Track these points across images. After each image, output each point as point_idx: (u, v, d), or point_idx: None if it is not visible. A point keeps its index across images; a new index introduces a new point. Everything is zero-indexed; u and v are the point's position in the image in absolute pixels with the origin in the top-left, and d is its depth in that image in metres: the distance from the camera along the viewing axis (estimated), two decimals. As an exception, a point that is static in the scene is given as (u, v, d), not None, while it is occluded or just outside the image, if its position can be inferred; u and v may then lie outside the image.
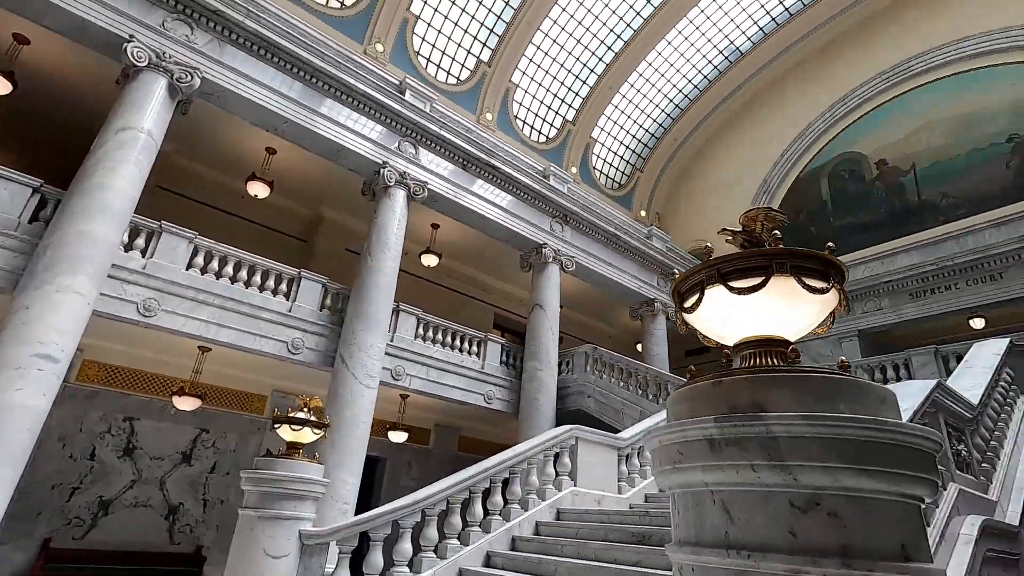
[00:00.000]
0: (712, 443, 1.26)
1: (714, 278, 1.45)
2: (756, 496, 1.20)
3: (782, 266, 1.39)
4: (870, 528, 1.11)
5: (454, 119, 11.76)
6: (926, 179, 14.83)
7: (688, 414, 1.40)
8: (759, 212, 1.60)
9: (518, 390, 11.20)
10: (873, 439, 1.14)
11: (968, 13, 15.03)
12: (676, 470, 1.36)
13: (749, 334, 1.50)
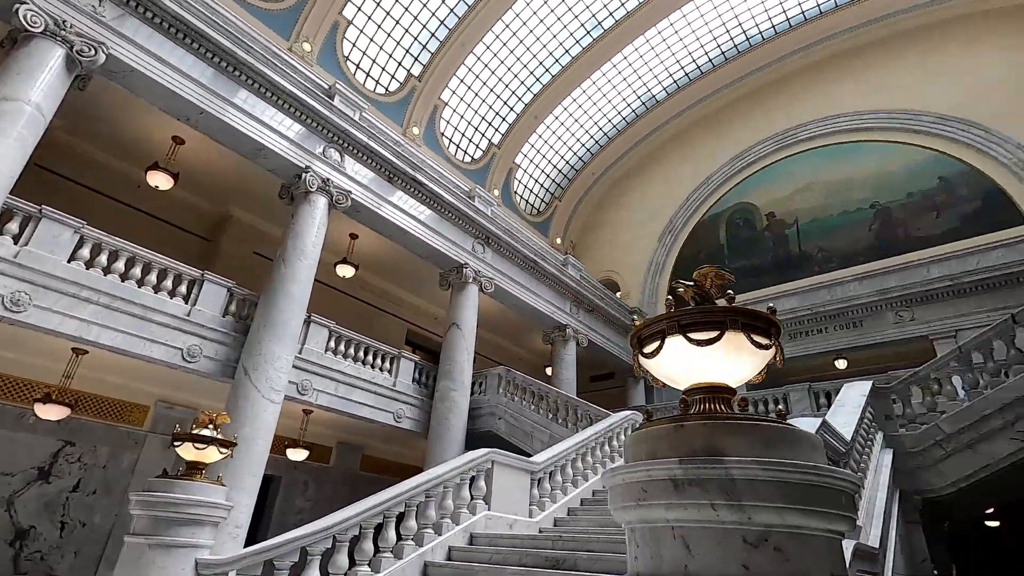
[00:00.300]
0: (676, 483, 1.39)
1: (675, 328, 1.61)
2: (714, 532, 1.34)
3: (735, 323, 1.57)
4: (807, 561, 1.28)
5: (382, 130, 11.58)
6: (806, 233, 16.71)
7: (649, 455, 1.52)
8: (710, 270, 1.79)
9: (429, 409, 11.06)
10: (813, 483, 1.33)
11: (843, 92, 17.32)
12: (639, 506, 1.48)
13: (700, 381, 1.67)
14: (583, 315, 15.54)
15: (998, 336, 6.53)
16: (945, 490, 6.06)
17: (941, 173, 14.76)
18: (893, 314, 13.79)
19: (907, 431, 6.60)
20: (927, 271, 13.66)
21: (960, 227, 13.94)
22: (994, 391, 6.14)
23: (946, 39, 15.77)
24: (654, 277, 19.78)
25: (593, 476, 7.38)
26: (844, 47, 17.71)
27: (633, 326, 1.82)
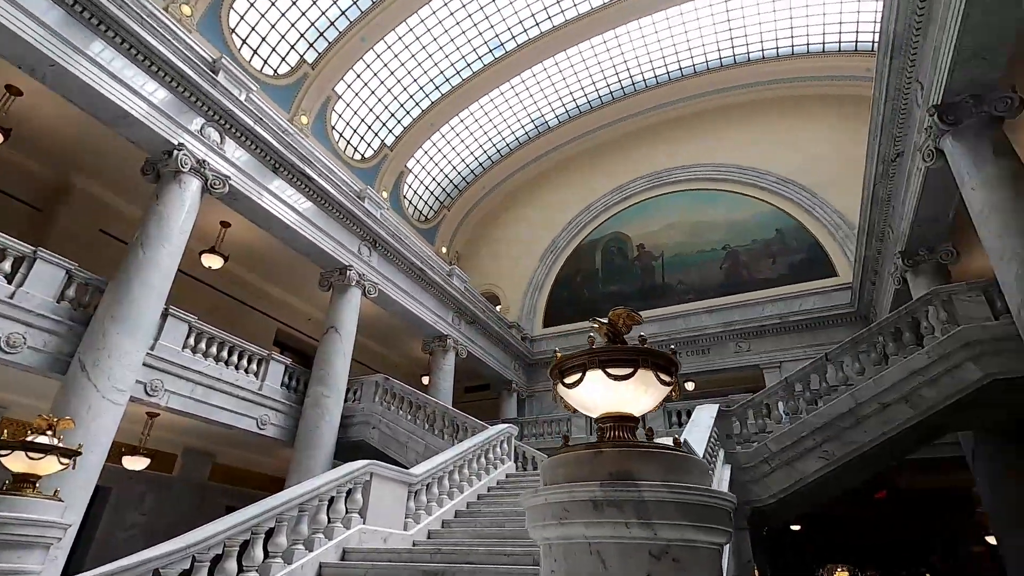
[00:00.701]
0: (596, 504, 1.56)
1: (595, 364, 1.80)
2: (625, 547, 1.52)
3: (646, 361, 1.80)
4: (696, 569, 1.51)
5: (270, 115, 10.88)
6: (669, 266, 18.50)
7: (568, 478, 1.68)
8: (623, 312, 2.02)
9: (298, 416, 10.45)
10: (705, 503, 1.57)
11: (708, 145, 19.55)
12: (561, 524, 1.62)
13: (611, 410, 1.88)
14: (464, 326, 15.71)
15: (815, 371, 7.82)
16: (768, 501, 7.10)
17: (778, 226, 17.23)
18: (734, 344, 15.75)
19: (742, 449, 7.62)
20: (763, 309, 15.82)
21: (789, 274, 16.37)
22: (809, 416, 7.34)
23: (789, 113, 18.52)
24: (533, 294, 20.58)
25: (469, 488, 7.50)
26: (712, 105, 20.01)
27: (555, 357, 1.99)
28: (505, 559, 4.60)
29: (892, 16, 7.29)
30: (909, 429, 7.13)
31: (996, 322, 6.70)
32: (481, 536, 5.93)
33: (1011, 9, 5.93)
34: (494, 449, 8.56)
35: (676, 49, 18.99)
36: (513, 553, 4.68)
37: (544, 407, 17.93)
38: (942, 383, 6.82)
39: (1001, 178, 6.45)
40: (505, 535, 5.88)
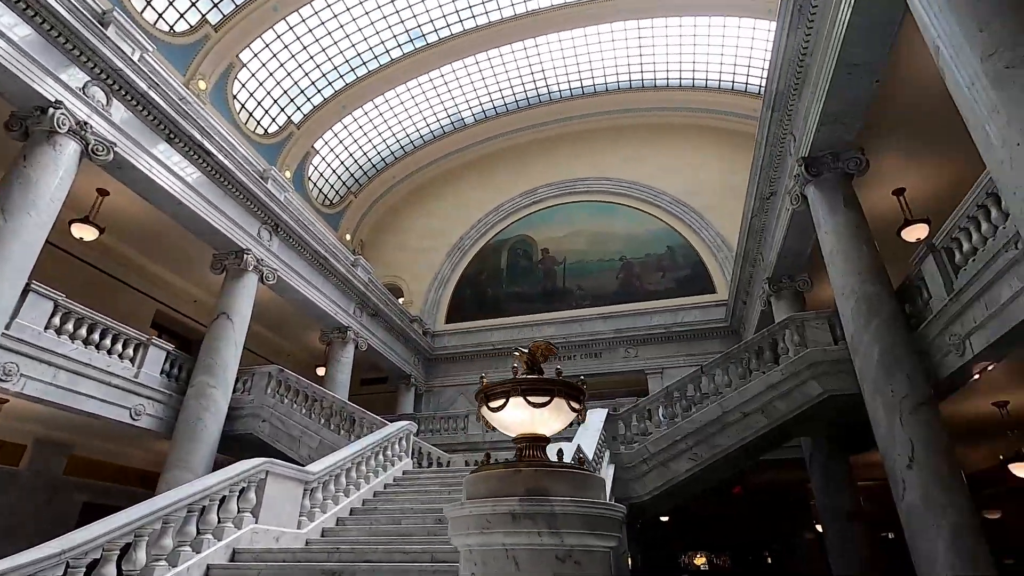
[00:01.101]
0: (514, 516, 1.81)
1: (517, 391, 2.05)
2: (536, 552, 1.79)
3: (561, 391, 2.08)
4: (592, 568, 1.82)
5: (167, 80, 10.04)
6: (570, 272, 19.40)
7: (490, 493, 1.92)
8: (541, 344, 2.30)
9: (178, 407, 9.76)
10: (602, 514, 1.88)
11: (615, 160, 20.67)
12: (483, 533, 1.86)
13: (527, 431, 2.14)
14: (366, 318, 15.43)
15: (691, 381, 8.75)
16: (645, 497, 7.87)
17: (669, 242, 18.72)
18: (624, 350, 16.92)
19: (626, 450, 8.35)
20: (651, 319, 17.14)
21: (676, 287, 17.86)
22: (683, 422, 8.21)
23: (686, 139, 20.14)
24: (438, 289, 20.62)
25: (366, 485, 7.51)
26: (620, 123, 21.19)
27: (481, 382, 2.22)
28: (403, 556, 4.76)
29: (776, 75, 8.32)
30: (764, 435, 8.23)
31: (835, 347, 7.93)
32: (378, 534, 6.02)
33: (866, 83, 7.05)
34: (392, 446, 8.62)
35: (591, 65, 19.90)
36: (411, 551, 4.85)
37: (442, 402, 18.09)
38: (791, 397, 7.95)
39: (847, 226, 7.65)
40: (402, 532, 6.03)
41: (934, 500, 5.90)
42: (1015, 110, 3.85)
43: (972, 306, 5.87)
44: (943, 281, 6.37)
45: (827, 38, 6.95)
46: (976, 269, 5.65)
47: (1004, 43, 4.02)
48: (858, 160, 7.97)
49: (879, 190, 9.34)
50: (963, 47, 4.30)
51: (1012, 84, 3.88)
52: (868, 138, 8.14)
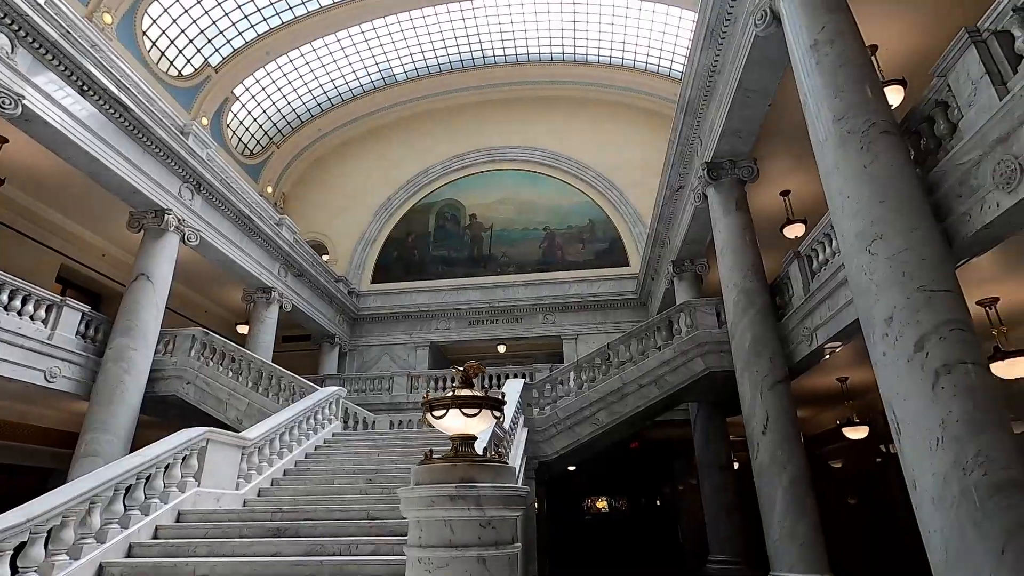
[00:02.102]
0: (452, 498, 2.54)
1: (455, 404, 2.75)
2: (467, 522, 2.53)
3: (487, 404, 2.81)
4: (504, 531, 2.60)
5: (73, 20, 9.38)
6: (496, 239, 20.09)
7: (432, 480, 2.66)
8: (473, 364, 3.01)
9: (96, 368, 9.65)
10: (515, 494, 2.66)
11: (545, 130, 21.20)
12: (429, 509, 2.59)
13: (461, 433, 2.86)
14: (291, 279, 15.40)
15: (598, 355, 9.89)
16: (553, 456, 9.00)
17: (591, 216, 19.82)
18: (543, 316, 18.06)
19: (539, 414, 9.41)
20: (569, 288, 18.32)
21: (594, 259, 19.09)
22: (588, 392, 9.36)
23: (612, 116, 21.00)
24: (364, 248, 20.64)
25: (298, 447, 8.05)
26: (551, 93, 21.65)
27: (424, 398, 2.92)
28: (341, 514, 5.45)
29: (689, 85, 9.22)
30: (657, 402, 9.56)
31: (719, 330, 9.28)
32: (313, 494, 6.64)
33: (761, 105, 8.09)
34: (323, 410, 9.14)
35: (526, 34, 20.05)
36: (348, 509, 5.55)
37: (366, 361, 18.53)
38: (680, 371, 9.28)
39: (736, 227, 8.85)
40: (335, 491, 6.69)
41: (777, 459, 7.35)
42: (848, 169, 4.91)
43: (820, 306, 7.22)
44: (803, 283, 7.71)
45: (732, 63, 7.87)
46: (824, 278, 6.96)
47: (850, 111, 5.05)
48: (751, 169, 9.14)
49: (770, 190, 10.66)
50: (823, 107, 5.31)
51: (850, 147, 4.93)
52: (762, 145, 9.28)
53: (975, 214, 4.52)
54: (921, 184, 4.88)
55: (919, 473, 4.09)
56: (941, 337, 4.14)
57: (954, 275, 4.45)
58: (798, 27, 5.68)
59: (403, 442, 8.89)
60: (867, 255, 4.64)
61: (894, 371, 4.35)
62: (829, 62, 5.31)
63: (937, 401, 4.01)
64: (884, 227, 4.55)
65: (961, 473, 3.83)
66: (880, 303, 4.49)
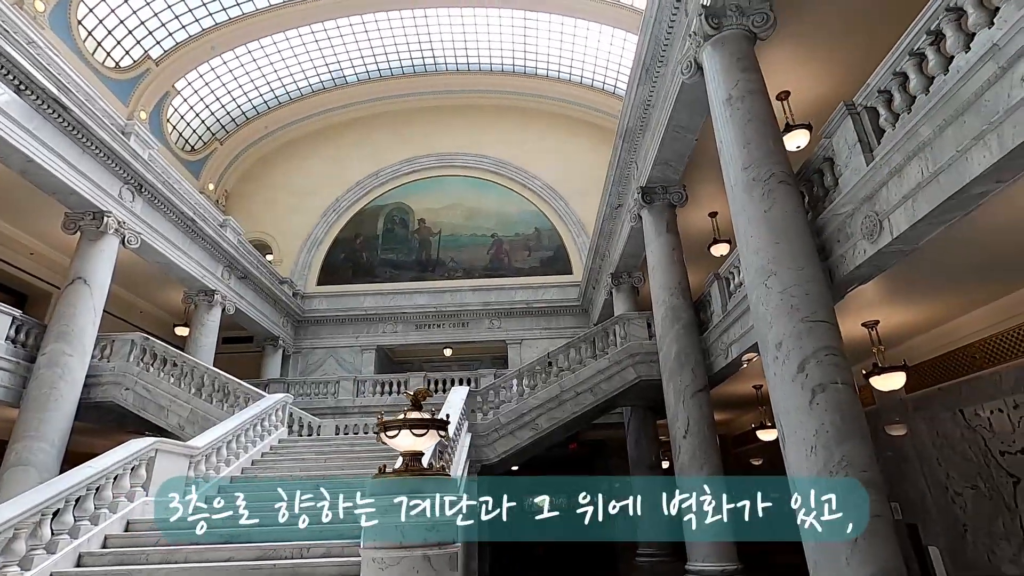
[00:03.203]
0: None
1: (406, 426, 3.21)
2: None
3: (434, 425, 3.28)
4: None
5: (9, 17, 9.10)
6: (445, 243, 20.44)
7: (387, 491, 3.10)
8: (422, 390, 3.48)
9: (27, 374, 9.38)
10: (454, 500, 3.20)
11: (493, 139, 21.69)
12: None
13: (411, 449, 3.31)
14: (235, 281, 15.20)
15: (539, 364, 10.51)
16: (495, 460, 9.53)
17: (537, 224, 20.51)
18: (489, 321, 18.57)
19: (482, 419, 9.92)
20: (514, 294, 18.92)
21: (539, 267, 19.79)
22: (529, 399, 9.95)
23: (559, 128, 21.75)
24: (310, 250, 20.49)
25: (244, 454, 8.19)
26: (501, 103, 22.18)
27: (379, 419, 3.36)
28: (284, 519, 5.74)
29: (627, 114, 9.97)
30: (593, 408, 10.27)
31: (649, 341, 10.09)
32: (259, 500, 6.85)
33: (689, 140, 8.90)
34: (269, 417, 9.28)
35: (479, 44, 20.48)
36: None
37: (310, 363, 18.45)
38: (614, 379, 10.03)
39: (666, 248, 9.67)
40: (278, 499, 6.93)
41: (696, 459, 8.17)
42: (752, 211, 5.68)
43: (735, 324, 8.09)
44: (722, 302, 8.58)
45: (663, 100, 8.65)
46: (738, 299, 7.82)
47: (755, 161, 5.83)
48: (681, 194, 9.99)
49: (700, 211, 11.59)
50: (734, 155, 6.08)
51: (753, 193, 5.70)
52: (693, 171, 10.12)
53: (849, 257, 5.38)
54: (811, 227, 5.72)
55: (798, 475, 4.87)
56: (819, 361, 4.94)
57: (832, 308, 5.28)
58: (716, 82, 6.44)
59: (350, 448, 9.17)
60: (764, 288, 5.42)
61: (782, 389, 5.13)
62: (740, 116, 6.09)
63: (813, 415, 4.80)
64: (778, 265, 5.33)
65: (828, 475, 4.62)
66: (773, 330, 5.27)
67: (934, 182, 4.25)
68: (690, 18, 7.13)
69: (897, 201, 4.65)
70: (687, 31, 7.21)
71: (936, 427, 8.72)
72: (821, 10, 7.21)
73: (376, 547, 3.03)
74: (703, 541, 7.65)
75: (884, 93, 4.87)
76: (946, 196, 4.13)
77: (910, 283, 6.65)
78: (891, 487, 9.44)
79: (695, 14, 6.74)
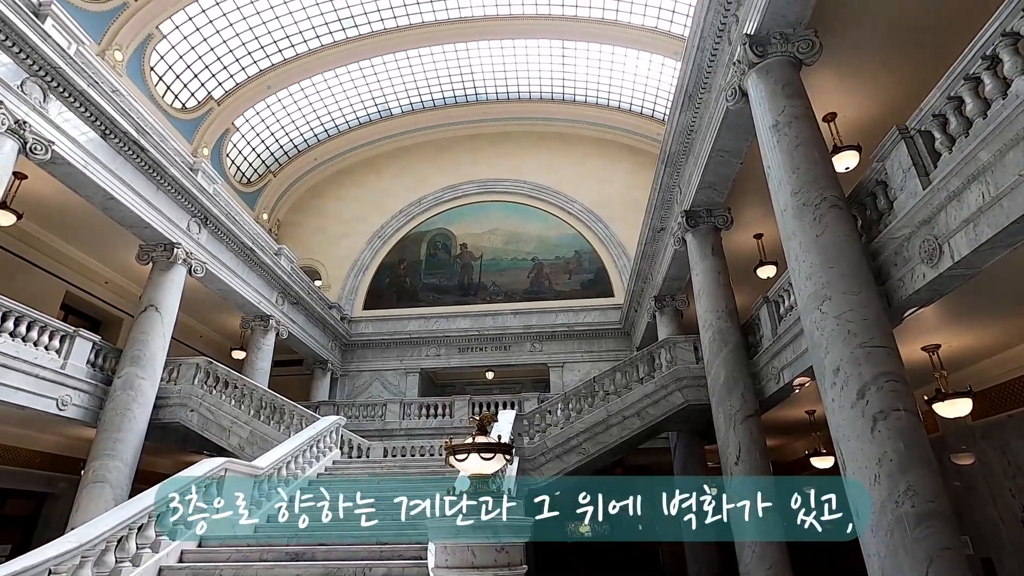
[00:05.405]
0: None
1: (474, 449, 3.38)
2: (486, 547, 3.17)
3: (499, 449, 3.43)
4: (515, 554, 3.24)
5: (98, 69, 9.99)
6: (486, 268, 20.77)
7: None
8: (488, 415, 3.64)
9: (104, 396, 10.03)
10: (523, 524, 3.31)
11: (532, 165, 22.08)
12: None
13: (479, 472, 3.48)
14: (287, 306, 15.86)
15: (585, 388, 10.54)
16: (542, 484, 9.56)
17: (577, 247, 20.64)
18: (530, 344, 18.68)
19: (528, 443, 9.99)
20: (556, 317, 19.01)
21: (580, 290, 19.85)
22: (575, 423, 9.98)
23: (598, 152, 22.00)
24: (357, 275, 21.16)
25: (302, 475, 8.51)
26: (540, 129, 22.61)
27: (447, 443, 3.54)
28: (352, 539, 5.97)
29: (669, 140, 10.09)
30: (640, 432, 10.20)
31: (697, 365, 10.01)
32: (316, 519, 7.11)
33: (733, 164, 8.93)
34: (324, 439, 9.61)
35: (517, 73, 21.04)
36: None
37: (357, 386, 18.92)
38: (661, 404, 9.96)
39: (712, 271, 9.64)
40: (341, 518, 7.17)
41: (749, 486, 8.01)
42: (803, 237, 5.69)
43: (786, 349, 7.98)
44: (771, 326, 8.48)
45: (707, 126, 8.74)
46: (789, 323, 7.73)
47: (805, 186, 5.85)
48: (726, 217, 9.98)
49: (745, 233, 11.51)
50: (783, 180, 6.12)
51: (804, 219, 5.71)
52: (737, 193, 10.11)
53: (907, 281, 5.31)
54: (865, 251, 5.68)
55: (860, 504, 4.77)
56: (879, 387, 4.87)
57: (890, 332, 5.21)
58: (762, 109, 6.52)
59: (401, 470, 9.39)
60: (819, 313, 5.39)
61: (841, 415, 5.06)
62: (788, 142, 6.14)
63: (874, 442, 4.72)
64: (832, 290, 5.31)
65: (894, 505, 4.52)
66: (829, 355, 5.23)
67: (996, 206, 4.21)
68: (733, 47, 7.25)
69: (957, 225, 4.60)
70: (731, 59, 7.33)
71: (1008, 456, 8.28)
72: (865, 33, 7.22)
73: (448, 567, 3.18)
74: (758, 570, 7.46)
75: (938, 117, 4.86)
76: (1010, 221, 4.08)
77: (973, 306, 6.45)
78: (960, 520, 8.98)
79: (739, 43, 6.86)
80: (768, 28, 6.47)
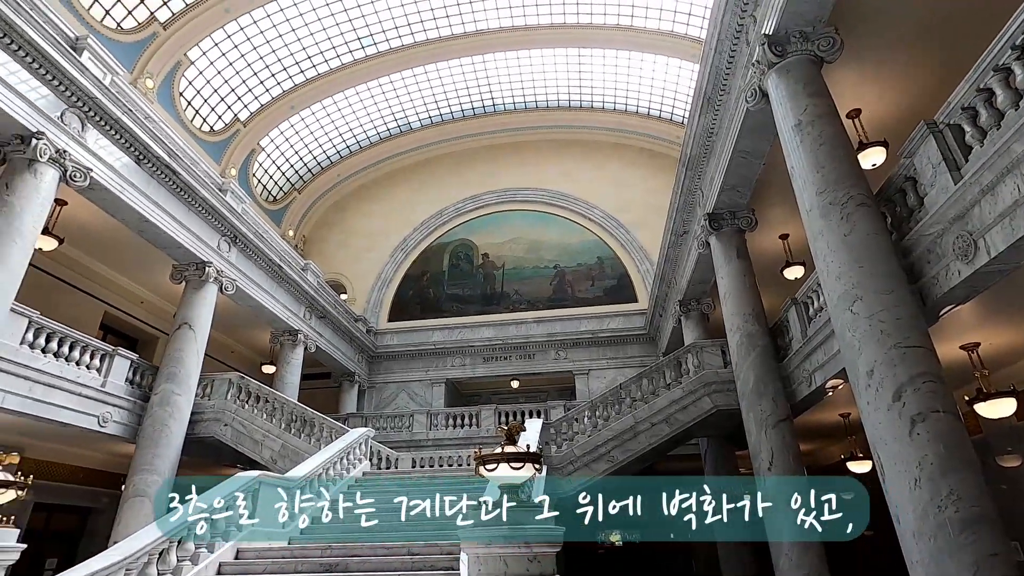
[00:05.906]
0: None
1: (504, 459, 3.40)
2: (518, 557, 3.18)
3: (529, 458, 3.45)
4: (547, 564, 3.25)
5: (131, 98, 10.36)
6: (508, 277, 20.83)
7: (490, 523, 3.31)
8: (515, 425, 3.67)
9: (142, 412, 10.33)
10: (554, 534, 3.32)
11: (553, 172, 22.13)
12: (488, 547, 3.23)
13: (509, 480, 3.50)
14: (315, 320, 16.14)
15: (612, 395, 10.46)
16: (571, 492, 9.49)
17: (599, 254, 20.56)
18: (554, 352, 18.63)
19: (556, 452, 9.95)
20: (579, 324, 18.93)
21: (603, 296, 19.75)
22: (603, 431, 9.91)
23: (617, 157, 21.93)
24: (381, 288, 21.42)
25: (333, 487, 8.62)
26: (558, 137, 22.66)
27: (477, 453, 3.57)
28: (384, 551, 6.02)
29: (690, 143, 10.03)
30: (668, 439, 10.08)
31: (725, 369, 9.85)
32: (348, 531, 7.20)
33: (755, 165, 8.83)
34: (354, 450, 9.73)
35: (534, 82, 21.18)
36: (390, 545, 6.13)
37: (384, 398, 19.10)
38: (689, 409, 9.83)
39: (738, 274, 9.51)
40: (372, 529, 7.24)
41: (783, 491, 7.83)
42: (830, 236, 5.59)
43: (817, 350, 7.82)
44: (801, 328, 8.32)
45: (727, 128, 8.67)
46: (819, 324, 7.57)
47: (830, 185, 5.76)
48: (750, 219, 9.85)
49: (770, 234, 11.34)
50: (807, 179, 6.03)
51: (831, 218, 5.62)
52: (761, 194, 9.97)
53: (942, 278, 5.18)
54: (896, 249, 5.55)
55: (901, 510, 4.64)
56: (916, 388, 4.74)
57: (926, 332, 5.07)
58: (784, 108, 6.45)
59: (430, 481, 9.44)
60: (850, 314, 5.28)
61: (877, 418, 4.94)
62: (811, 141, 6.06)
63: (913, 445, 4.59)
64: (863, 290, 5.20)
65: (936, 510, 4.38)
66: (862, 357, 5.11)
67: (1033, 199, 4.09)
68: (752, 47, 7.20)
69: (992, 220, 4.48)
70: (749, 60, 7.28)
71: (1057, 457, 7.96)
72: (888, 27, 7.09)
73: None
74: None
75: (968, 110, 4.75)
76: (1047, 214, 3.96)
77: (1012, 302, 6.25)
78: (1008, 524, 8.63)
79: (757, 43, 6.81)
80: (786, 27, 6.41)
